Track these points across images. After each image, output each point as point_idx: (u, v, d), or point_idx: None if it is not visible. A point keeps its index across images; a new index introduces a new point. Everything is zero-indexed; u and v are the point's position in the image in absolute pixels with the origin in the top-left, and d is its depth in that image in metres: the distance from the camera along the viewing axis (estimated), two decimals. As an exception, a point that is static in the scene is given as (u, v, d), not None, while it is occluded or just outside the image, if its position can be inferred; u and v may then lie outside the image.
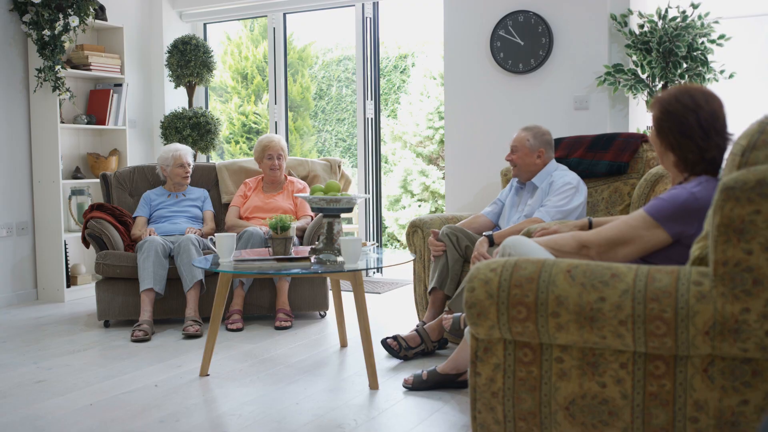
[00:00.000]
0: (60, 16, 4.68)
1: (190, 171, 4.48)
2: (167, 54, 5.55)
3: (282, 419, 2.57)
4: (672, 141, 2.04)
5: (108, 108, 5.19)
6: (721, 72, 3.98)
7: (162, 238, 4.06)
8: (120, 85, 5.28)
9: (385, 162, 9.20)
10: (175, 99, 5.85)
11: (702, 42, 3.96)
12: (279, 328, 3.94)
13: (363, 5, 5.39)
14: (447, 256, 3.38)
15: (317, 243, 3.15)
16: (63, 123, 4.96)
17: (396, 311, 4.42)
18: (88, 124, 5.12)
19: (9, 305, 4.76)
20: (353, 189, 5.41)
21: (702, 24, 3.96)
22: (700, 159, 2.01)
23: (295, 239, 3.93)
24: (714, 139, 1.99)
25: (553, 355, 1.75)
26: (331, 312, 4.33)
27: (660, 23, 4.00)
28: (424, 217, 3.77)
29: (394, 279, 5.50)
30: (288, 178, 4.50)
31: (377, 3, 5.41)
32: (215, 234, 3.21)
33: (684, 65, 3.97)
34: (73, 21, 4.70)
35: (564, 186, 3.38)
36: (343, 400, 2.79)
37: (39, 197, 4.93)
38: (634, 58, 4.09)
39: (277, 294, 4.09)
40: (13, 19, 4.80)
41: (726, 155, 1.93)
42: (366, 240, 5.45)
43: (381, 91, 6.75)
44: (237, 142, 9.80)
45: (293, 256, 3.12)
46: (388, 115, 9.49)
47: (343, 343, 3.60)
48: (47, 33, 4.64)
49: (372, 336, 2.95)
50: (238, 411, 2.66)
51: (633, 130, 4.26)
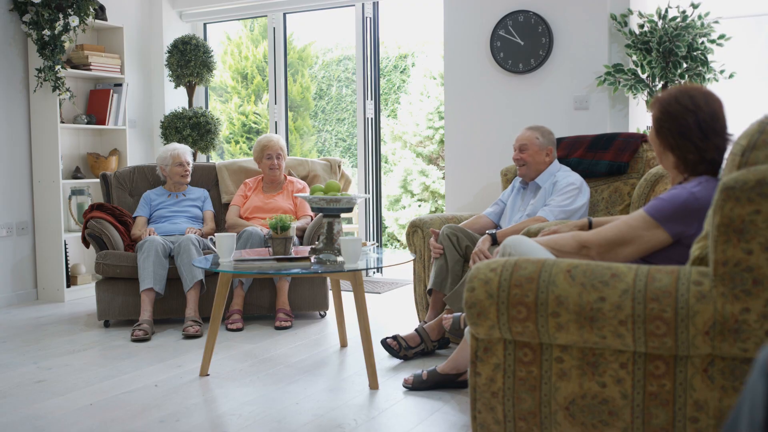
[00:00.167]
0: (60, 16, 4.68)
1: (189, 170, 4.47)
2: (167, 54, 5.55)
3: (282, 419, 2.57)
4: (671, 142, 2.03)
5: (108, 108, 5.19)
6: (721, 72, 3.98)
7: (162, 237, 4.06)
8: (120, 85, 5.28)
9: (385, 162, 9.20)
10: (175, 99, 5.85)
11: (702, 42, 3.96)
12: (279, 328, 3.94)
13: (363, 5, 5.39)
14: (446, 256, 3.38)
15: (317, 243, 3.15)
16: (63, 123, 4.96)
17: (396, 311, 4.42)
18: (88, 124, 5.12)
19: (9, 305, 4.76)
20: (353, 189, 5.41)
21: (702, 24, 3.96)
22: (699, 160, 2.01)
23: (295, 239, 3.93)
24: (713, 141, 1.99)
25: (553, 355, 1.75)
26: (331, 312, 4.33)
27: (660, 23, 4.01)
28: (424, 217, 3.77)
29: (394, 279, 5.50)
30: (288, 177, 4.50)
31: (377, 3, 5.41)
32: (215, 234, 3.21)
33: (684, 65, 3.97)
34: (73, 21, 4.70)
35: (568, 186, 3.38)
36: (343, 400, 2.79)
37: (39, 197, 4.93)
38: (634, 58, 4.09)
39: (277, 294, 4.09)
40: (13, 19, 4.81)
41: (726, 156, 1.93)
42: (366, 240, 5.45)
43: (381, 91, 6.75)
44: (237, 142, 9.80)
45: (293, 256, 3.12)
46: (388, 115, 9.49)
47: (343, 343, 3.60)
48: (47, 33, 4.64)
49: (372, 336, 2.96)
50: (238, 411, 2.66)
51: (633, 130, 4.26)
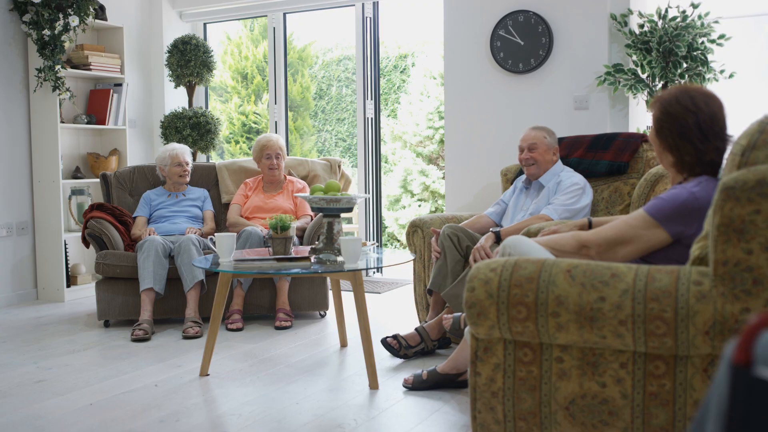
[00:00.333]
0: (60, 15, 4.68)
1: (188, 169, 4.47)
2: (167, 54, 5.55)
3: (282, 419, 2.57)
4: (671, 142, 2.03)
5: (108, 108, 5.19)
6: (721, 72, 3.98)
7: (162, 237, 4.06)
8: (120, 85, 5.28)
9: (385, 162, 9.20)
10: (175, 99, 5.85)
11: (702, 42, 3.96)
12: (279, 328, 3.94)
13: (363, 5, 5.39)
14: (447, 256, 3.38)
15: (317, 243, 3.15)
16: (63, 123, 4.96)
17: (396, 311, 4.42)
18: (88, 123, 5.12)
19: (9, 305, 4.76)
20: (353, 189, 5.41)
21: (702, 24, 3.96)
22: (697, 161, 2.01)
23: (295, 239, 3.93)
24: (713, 142, 1.99)
25: (553, 355, 1.75)
26: (331, 312, 4.33)
27: (660, 23, 4.00)
28: (424, 217, 3.77)
29: (394, 279, 5.50)
30: (288, 177, 4.50)
31: (377, 3, 5.41)
32: (215, 234, 3.21)
33: (684, 65, 3.97)
34: (73, 21, 4.70)
35: (572, 186, 3.40)
36: (343, 400, 2.79)
37: (39, 197, 4.93)
38: (634, 57, 4.09)
39: (277, 294, 4.09)
40: (13, 19, 4.80)
41: (725, 157, 1.93)
42: (366, 240, 5.45)
43: (381, 91, 6.75)
44: (237, 142, 9.80)
45: (293, 256, 3.12)
46: (388, 115, 9.49)
47: (343, 343, 3.60)
48: (47, 33, 4.64)
49: (372, 336, 2.95)
50: (238, 411, 2.66)
51: (633, 129, 4.26)
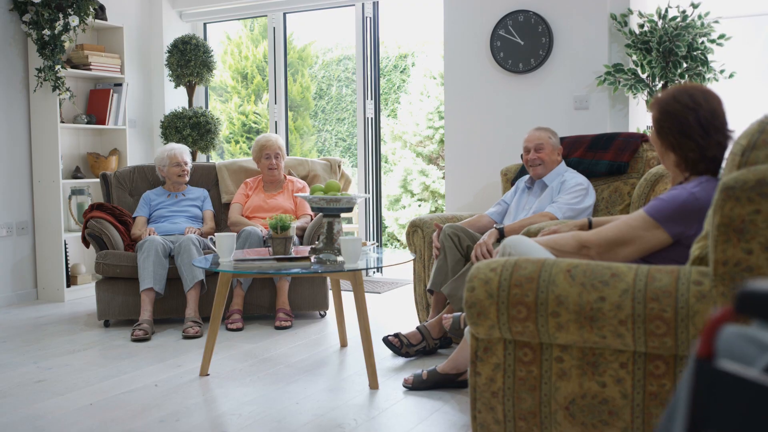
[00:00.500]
0: (60, 15, 4.68)
1: (187, 169, 4.46)
2: (167, 54, 5.55)
3: (282, 419, 2.57)
4: (672, 141, 2.03)
5: (108, 108, 5.19)
6: (721, 72, 3.98)
7: (162, 237, 4.06)
8: (120, 85, 5.28)
9: (385, 162, 9.20)
10: (175, 99, 5.85)
11: (702, 42, 3.96)
12: (279, 327, 3.94)
13: (363, 5, 5.38)
14: (447, 256, 3.38)
15: (317, 243, 3.15)
16: (63, 123, 4.96)
17: (396, 311, 4.42)
18: (88, 123, 5.12)
19: (9, 305, 4.76)
20: (353, 189, 5.41)
21: (702, 24, 3.96)
22: (701, 158, 2.01)
23: (295, 239, 3.93)
24: (714, 137, 1.99)
25: (553, 355, 1.75)
26: (331, 312, 4.33)
27: (660, 23, 4.00)
28: (424, 217, 3.77)
29: (394, 279, 5.50)
30: (287, 177, 4.50)
31: (377, 3, 5.41)
32: (215, 234, 3.21)
33: (684, 65, 3.97)
34: (73, 21, 4.70)
35: (576, 186, 3.42)
36: (343, 399, 2.79)
37: (39, 197, 4.93)
38: (634, 57, 4.09)
39: (277, 294, 4.09)
40: (13, 19, 4.80)
41: (727, 153, 1.93)
42: (366, 240, 5.45)
43: (381, 91, 6.75)
44: (237, 141, 9.80)
45: (293, 255, 3.12)
46: (388, 115, 9.49)
47: (343, 343, 3.60)
48: (47, 33, 4.64)
49: (372, 336, 2.95)
50: (238, 411, 2.66)
51: (633, 129, 4.26)
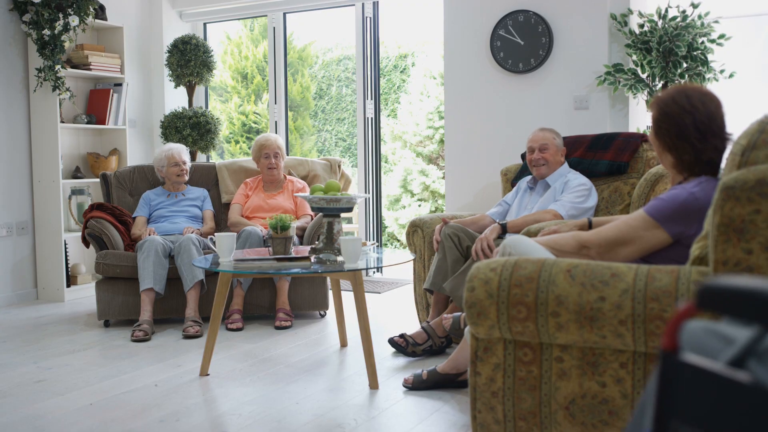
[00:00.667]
0: (60, 15, 4.68)
1: (186, 169, 4.46)
2: (167, 54, 5.55)
3: (282, 419, 2.57)
4: (668, 142, 2.03)
5: (108, 108, 5.19)
6: (721, 72, 3.98)
7: (162, 237, 4.06)
8: (120, 85, 5.28)
9: (385, 162, 9.20)
10: (175, 99, 5.85)
11: (702, 42, 3.96)
12: (279, 327, 3.94)
13: (363, 5, 5.38)
14: (447, 256, 3.38)
15: (317, 243, 3.15)
16: (63, 123, 4.96)
17: (396, 311, 4.42)
18: (88, 123, 5.12)
19: (9, 305, 4.76)
20: (353, 188, 5.41)
21: (702, 24, 3.96)
22: (696, 161, 2.01)
23: (295, 239, 3.93)
24: (711, 142, 1.98)
25: (553, 355, 1.75)
26: (331, 312, 4.33)
27: (660, 23, 4.00)
28: (424, 217, 3.77)
29: (394, 279, 5.50)
30: (287, 177, 4.50)
31: (377, 3, 5.41)
32: (215, 233, 3.21)
33: (684, 65, 3.97)
34: (73, 21, 4.70)
35: (579, 186, 3.44)
36: (343, 399, 2.79)
37: (39, 197, 4.93)
38: (634, 57, 4.09)
39: (277, 294, 4.09)
40: (13, 19, 4.80)
41: (725, 156, 1.93)
42: (366, 240, 5.45)
43: (381, 91, 6.75)
44: (237, 141, 9.80)
45: (293, 255, 3.12)
46: (388, 115, 9.49)
47: (343, 343, 3.60)
48: (47, 33, 4.64)
49: (372, 336, 2.96)
50: (238, 411, 2.66)
51: (633, 129, 4.26)
